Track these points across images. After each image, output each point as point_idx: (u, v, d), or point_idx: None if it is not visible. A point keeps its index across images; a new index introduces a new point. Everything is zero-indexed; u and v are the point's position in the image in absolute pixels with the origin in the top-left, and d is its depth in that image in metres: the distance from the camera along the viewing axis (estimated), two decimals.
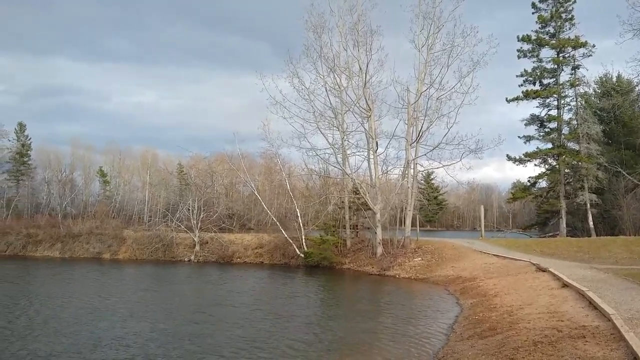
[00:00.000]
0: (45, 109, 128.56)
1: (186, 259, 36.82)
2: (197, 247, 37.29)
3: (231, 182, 56.59)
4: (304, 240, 33.54)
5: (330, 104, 33.39)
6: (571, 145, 40.96)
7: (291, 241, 33.66)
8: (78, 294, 21.45)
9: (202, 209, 38.75)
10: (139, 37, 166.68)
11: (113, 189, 65.10)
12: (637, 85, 35.40)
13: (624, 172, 37.81)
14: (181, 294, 22.32)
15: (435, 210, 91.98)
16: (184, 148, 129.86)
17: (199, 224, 37.77)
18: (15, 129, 60.08)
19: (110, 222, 45.41)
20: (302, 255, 32.58)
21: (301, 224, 34.29)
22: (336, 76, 33.01)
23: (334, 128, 33.62)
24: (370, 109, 32.12)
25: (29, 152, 60.56)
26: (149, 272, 31.00)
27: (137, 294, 21.94)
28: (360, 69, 31.92)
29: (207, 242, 37.82)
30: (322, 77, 32.75)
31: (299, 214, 34.66)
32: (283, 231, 34.71)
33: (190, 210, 38.21)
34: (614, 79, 45.22)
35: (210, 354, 11.80)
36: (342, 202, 35.07)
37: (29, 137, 60.80)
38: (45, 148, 63.78)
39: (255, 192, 40.48)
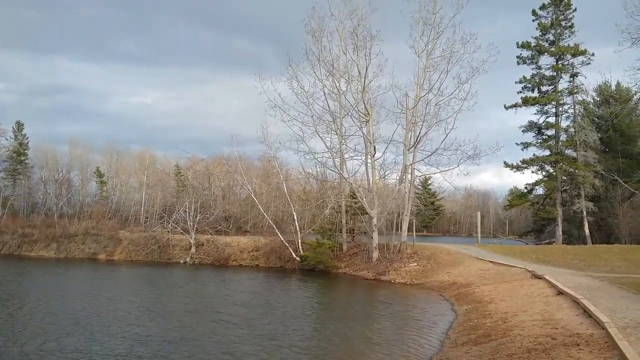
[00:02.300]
0: (45, 108, 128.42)
1: (182, 261, 36.73)
2: (193, 249, 37.19)
3: (228, 184, 56.55)
4: (300, 243, 33.49)
5: (329, 107, 33.45)
6: (568, 152, 41.01)
7: (287, 244, 33.59)
8: (75, 295, 21.48)
9: (199, 211, 38.69)
10: (143, 38, 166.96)
11: (110, 189, 64.95)
12: (635, 94, 35.44)
13: (620, 181, 37.79)
14: (179, 297, 22.30)
15: (432, 216, 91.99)
16: (181, 149, 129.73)
17: (195, 226, 37.70)
18: (13, 127, 59.91)
19: (107, 222, 45.27)
20: (298, 259, 32.52)
21: (298, 228, 34.22)
22: (335, 80, 33.06)
23: (332, 132, 33.68)
24: (368, 114, 32.13)
25: (26, 151, 60.32)
26: (144, 274, 30.93)
27: (134, 296, 21.88)
28: (360, 73, 32.00)
29: (203, 245, 37.75)
30: (320, 80, 32.83)
31: (295, 218, 34.61)
32: (279, 234, 34.66)
33: (187, 212, 38.15)
34: (613, 87, 45.32)
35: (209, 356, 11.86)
36: (339, 206, 35.06)
37: (26, 136, 60.63)
38: (43, 147, 63.62)
39: (252, 195, 40.43)
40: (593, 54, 39.18)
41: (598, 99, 45.74)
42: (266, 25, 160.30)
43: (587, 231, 38.25)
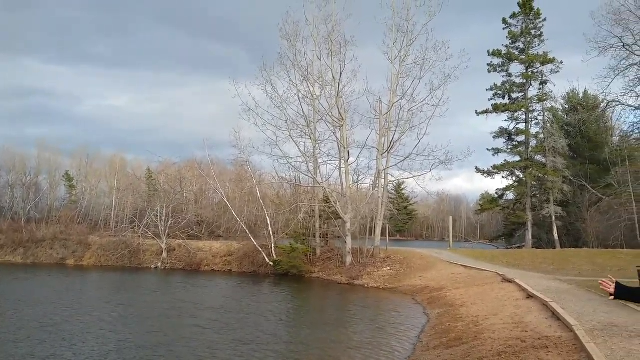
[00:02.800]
0: (14, 110, 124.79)
1: (152, 266, 36.19)
2: (164, 254, 36.70)
3: (201, 188, 55.94)
4: (273, 248, 33.30)
5: (303, 112, 33.39)
6: (538, 158, 41.75)
7: (260, 249, 33.39)
8: (46, 301, 20.98)
9: (171, 215, 38.20)
10: (116, 40, 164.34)
11: (79, 193, 63.61)
12: (602, 102, 36.37)
13: (588, 186, 38.73)
14: (152, 302, 21.88)
15: (405, 220, 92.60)
16: (153, 153, 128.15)
17: (167, 231, 37.21)
18: None
19: (76, 227, 44.36)
20: (272, 264, 32.33)
21: (271, 232, 34.01)
22: (309, 85, 33.04)
23: (306, 136, 33.62)
24: (342, 119, 32.21)
25: None
26: (115, 279, 30.38)
27: (107, 302, 21.39)
28: (334, 78, 32.05)
29: (175, 249, 37.28)
30: (295, 85, 32.77)
31: (269, 222, 34.44)
32: (252, 239, 34.42)
33: (158, 217, 37.64)
34: (580, 95, 46.40)
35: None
36: (313, 210, 34.99)
37: None
38: (10, 150, 61.83)
39: (225, 199, 40.07)
40: (562, 62, 40.10)
41: (566, 106, 46.79)
42: (241, 29, 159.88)
43: (556, 235, 38.98)
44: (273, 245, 33.44)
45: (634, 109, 35.83)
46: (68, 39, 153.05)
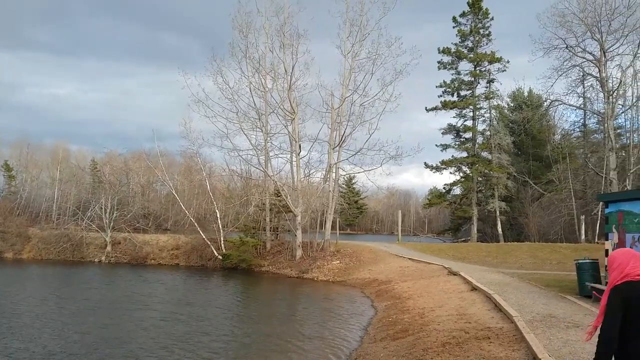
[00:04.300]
0: None
1: (96, 260, 35.03)
2: (109, 248, 35.59)
3: (148, 180, 54.67)
4: (222, 242, 32.88)
5: (255, 104, 33.07)
6: (484, 154, 42.89)
7: (209, 242, 32.90)
8: None
9: (116, 207, 37.10)
10: (59, 27, 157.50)
11: (19, 184, 61.05)
12: (545, 100, 37.70)
13: (531, 182, 40.08)
14: (89, 297, 21.15)
15: (356, 214, 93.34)
16: (98, 144, 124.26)
17: (112, 224, 36.11)
18: None
19: (15, 219, 42.39)
20: (220, 257, 31.92)
21: (220, 226, 33.57)
22: (261, 77, 32.75)
23: (257, 129, 33.35)
24: (294, 112, 32.07)
25: None
26: (58, 273, 29.23)
27: (51, 296, 20.60)
28: (286, 71, 31.85)
29: (120, 243, 36.19)
30: (246, 77, 32.41)
31: (218, 215, 33.96)
32: (201, 232, 33.89)
33: (103, 209, 36.47)
34: (525, 94, 47.95)
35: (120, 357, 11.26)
36: (263, 204, 34.75)
37: None
38: None
39: (173, 192, 39.29)
40: (508, 62, 41.30)
41: (512, 105, 48.28)
42: (192, 19, 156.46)
43: (500, 230, 40.20)
44: (222, 238, 33.01)
45: (575, 108, 37.46)
46: (5, 23, 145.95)
